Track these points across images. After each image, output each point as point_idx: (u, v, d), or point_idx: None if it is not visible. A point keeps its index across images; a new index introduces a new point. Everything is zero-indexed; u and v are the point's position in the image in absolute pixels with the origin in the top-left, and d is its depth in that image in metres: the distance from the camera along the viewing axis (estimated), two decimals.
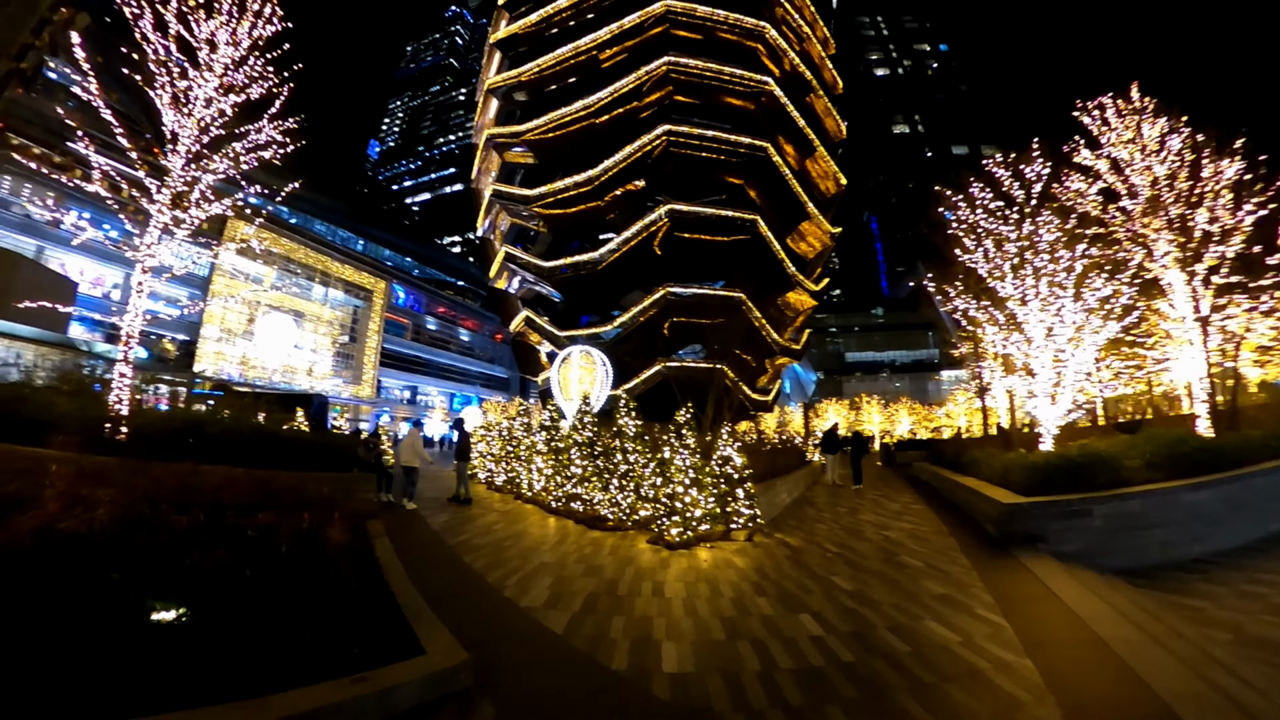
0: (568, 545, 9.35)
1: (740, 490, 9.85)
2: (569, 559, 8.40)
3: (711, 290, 37.66)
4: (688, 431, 10.18)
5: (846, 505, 13.40)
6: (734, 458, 10.05)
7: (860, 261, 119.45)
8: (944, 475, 14.48)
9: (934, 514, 11.66)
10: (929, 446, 25.15)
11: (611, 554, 8.71)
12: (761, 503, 10.93)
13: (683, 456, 9.72)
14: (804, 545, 9.03)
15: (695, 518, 9.28)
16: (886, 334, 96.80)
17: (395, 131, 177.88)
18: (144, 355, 43.87)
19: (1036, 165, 13.54)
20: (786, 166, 38.90)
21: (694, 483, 9.52)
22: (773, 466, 14.08)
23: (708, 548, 8.99)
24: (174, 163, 12.04)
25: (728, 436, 10.22)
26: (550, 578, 7.37)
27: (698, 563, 8.07)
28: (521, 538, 10.00)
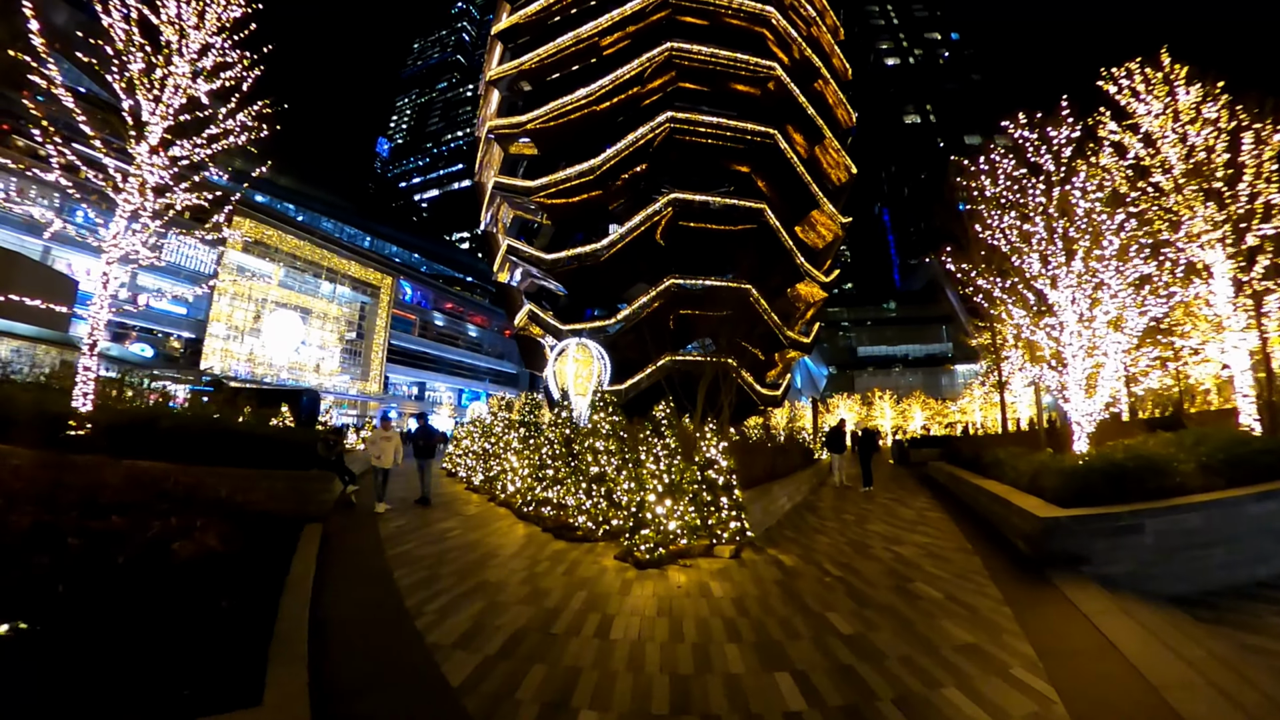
0: (521, 559, 7.95)
1: (725, 499, 8.38)
2: (514, 578, 7.00)
3: (718, 282, 36.17)
4: (667, 430, 8.79)
5: (854, 511, 11.89)
6: (718, 460, 8.56)
7: (872, 254, 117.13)
8: (963, 477, 12.93)
9: (953, 524, 10.12)
10: (945, 444, 23.53)
11: (568, 572, 7.29)
12: (755, 511, 9.50)
13: (657, 459, 8.32)
14: (799, 565, 7.55)
15: (669, 531, 7.85)
16: (899, 328, 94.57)
17: (403, 129, 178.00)
18: (150, 353, 43.33)
19: (1065, 130, 11.92)
20: (794, 154, 37.26)
21: (669, 490, 8.08)
22: (772, 468, 12.64)
23: (683, 567, 7.55)
24: (141, 149, 11.67)
25: (712, 435, 8.77)
26: (481, 603, 6.05)
27: (666, 588, 6.63)
28: (473, 549, 8.61)
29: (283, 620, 4.92)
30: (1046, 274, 11.02)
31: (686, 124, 34.30)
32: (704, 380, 13.92)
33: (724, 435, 8.79)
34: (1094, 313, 10.45)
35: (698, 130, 34.60)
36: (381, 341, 58.55)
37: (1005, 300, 11.92)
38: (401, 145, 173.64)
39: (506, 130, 39.21)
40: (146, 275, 43.72)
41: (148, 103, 11.63)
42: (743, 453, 11.16)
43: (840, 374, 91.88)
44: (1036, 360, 12.53)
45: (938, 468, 17.13)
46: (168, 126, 11.97)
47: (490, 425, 15.92)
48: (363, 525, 10.44)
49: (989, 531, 9.31)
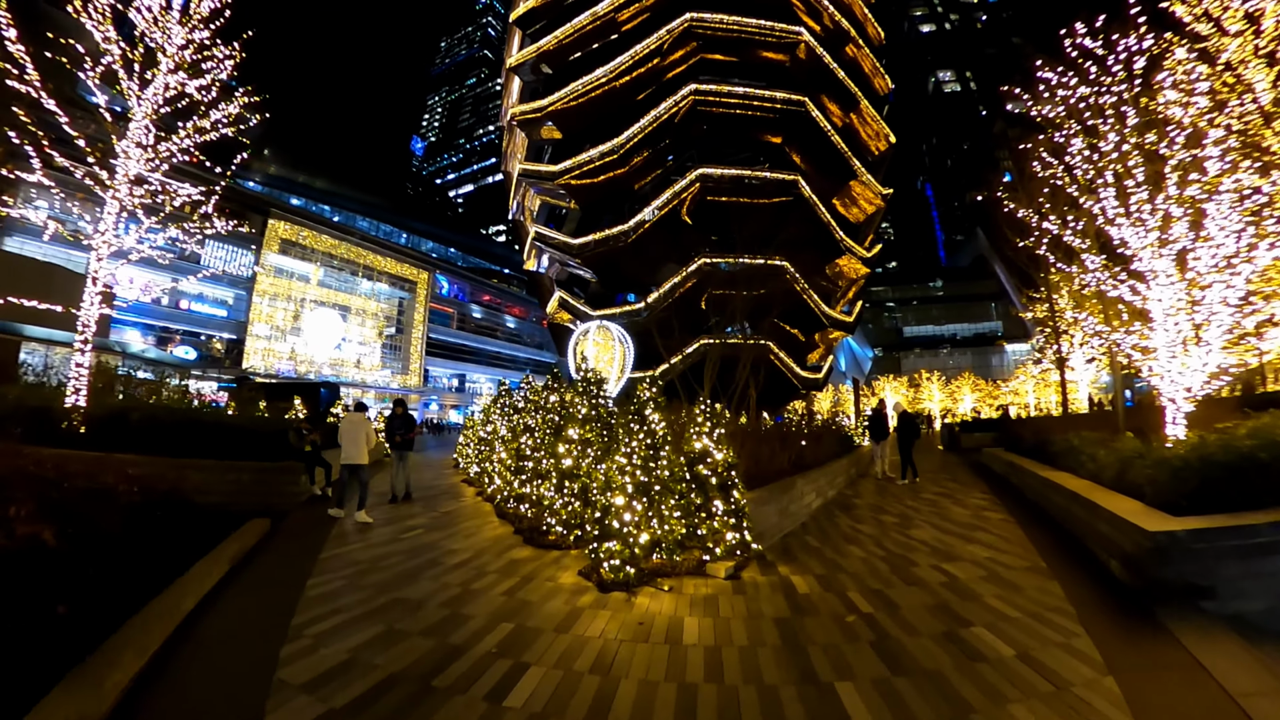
0: (465, 571, 6.43)
1: (720, 502, 6.49)
2: (440, 596, 5.56)
3: (752, 259, 33.96)
4: (655, 413, 6.97)
5: (896, 511, 9.79)
6: (712, 452, 6.68)
7: (916, 231, 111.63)
8: (1025, 468, 10.73)
9: (1019, 529, 7.97)
10: (1000, 427, 20.90)
11: (511, 592, 5.67)
12: (769, 513, 7.63)
13: (630, 452, 6.53)
14: (816, 593, 5.62)
15: (641, 545, 6.07)
16: (946, 306, 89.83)
17: (436, 127, 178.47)
18: (194, 355, 43.73)
19: (1135, 39, 9.42)
20: (828, 123, 34.64)
21: (640, 491, 6.32)
22: (798, 458, 10.72)
23: (660, 591, 5.74)
24: (125, 145, 11.73)
25: (704, 421, 6.90)
26: (379, 629, 4.75)
27: (624, 624, 4.88)
28: (419, 554, 7.19)
29: (121, 635, 4.02)
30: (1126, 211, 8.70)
31: (711, 96, 32.18)
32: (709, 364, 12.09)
33: (717, 420, 6.92)
34: (1198, 251, 8.10)
35: (724, 101, 32.44)
36: (420, 335, 58.23)
37: (1077, 246, 9.55)
38: (435, 143, 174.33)
39: (528, 115, 37.75)
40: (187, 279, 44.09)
41: (132, 98, 11.62)
42: (756, 441, 9.29)
43: (886, 356, 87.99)
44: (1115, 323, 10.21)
45: (993, 455, 14.79)
46: (152, 120, 11.98)
47: (489, 411, 14.42)
48: (321, 522, 9.29)
49: (1066, 541, 7.21)
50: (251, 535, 7.63)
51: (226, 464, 9.76)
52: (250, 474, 9.97)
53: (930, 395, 62.41)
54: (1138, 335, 9.11)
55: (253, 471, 10.01)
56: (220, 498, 9.10)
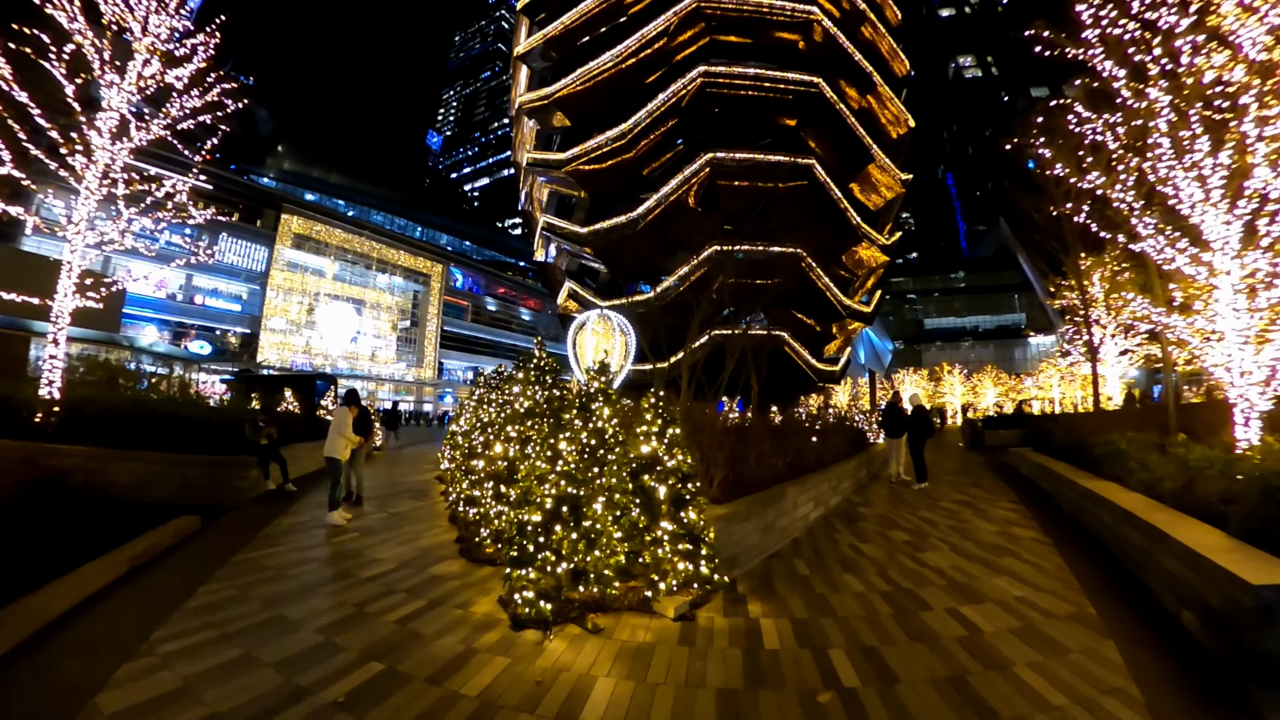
0: (371, 588, 5.50)
1: (669, 522, 5.09)
2: (317, 621, 4.67)
3: (766, 247, 32.31)
4: (605, 407, 5.61)
5: (908, 526, 8.18)
6: (661, 459, 5.28)
7: (937, 221, 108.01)
8: (1060, 474, 9.16)
9: (1056, 553, 6.41)
10: (1028, 424, 19.01)
11: (406, 620, 4.66)
12: (748, 531, 6.23)
13: (555, 455, 5.17)
14: (787, 649, 4.23)
15: (560, 575, 4.76)
16: (968, 298, 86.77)
17: (451, 121, 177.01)
18: (208, 349, 43.39)
19: None
20: (844, 105, 32.82)
21: (564, 504, 4.93)
22: (797, 459, 9.31)
23: (589, 632, 4.47)
24: (102, 137, 11.66)
25: (653, 418, 5.43)
26: (224, 658, 4.05)
27: (518, 681, 3.62)
28: (335, 562, 6.43)
29: None
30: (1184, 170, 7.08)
31: (721, 78, 30.55)
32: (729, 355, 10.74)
33: (667, 415, 5.51)
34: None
35: (734, 83, 30.79)
36: (434, 328, 57.51)
37: (1123, 209, 7.84)
38: (451, 137, 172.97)
39: (535, 103, 36.45)
40: (202, 275, 43.88)
41: (105, 87, 11.55)
42: (741, 441, 7.89)
43: (906, 348, 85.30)
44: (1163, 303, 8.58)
45: (1020, 456, 13.11)
46: (128, 107, 11.97)
47: (464, 400, 13.22)
48: (259, 520, 8.52)
49: (1117, 574, 5.71)
50: (170, 534, 6.95)
51: (176, 457, 9.33)
52: (199, 468, 9.50)
53: (951, 389, 60.12)
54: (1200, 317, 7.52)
55: (202, 465, 9.54)
56: (168, 491, 8.82)
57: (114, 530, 6.31)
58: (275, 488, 11.04)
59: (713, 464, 6.84)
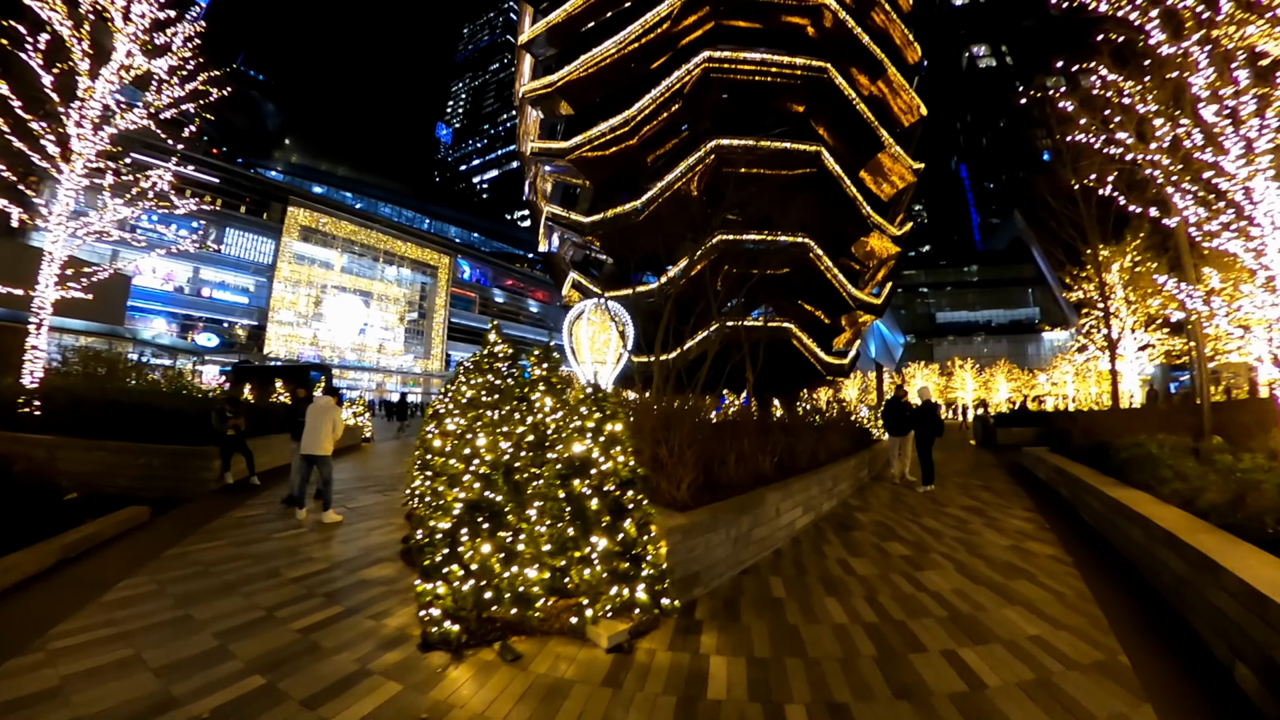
0: (290, 589, 5.06)
1: (602, 537, 4.16)
2: (219, 625, 4.34)
3: (772, 236, 31.23)
4: (548, 397, 4.73)
5: (909, 536, 7.07)
6: (597, 458, 4.33)
7: (950, 214, 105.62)
8: (1080, 479, 8.10)
9: (1078, 577, 5.36)
10: (1044, 422, 17.73)
11: (310, 630, 4.21)
12: (716, 544, 5.28)
13: (472, 454, 4.34)
14: (736, 700, 3.33)
15: (466, 593, 3.97)
16: (981, 291, 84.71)
17: (460, 113, 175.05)
18: (215, 342, 43.04)
19: None
20: (854, 91, 31.54)
21: (477, 511, 4.10)
22: (786, 458, 8.38)
23: (505, 660, 3.71)
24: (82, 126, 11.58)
25: (589, 410, 4.47)
26: (110, 658, 3.77)
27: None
28: (268, 560, 6.02)
29: None
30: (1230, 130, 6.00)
31: (726, 63, 29.42)
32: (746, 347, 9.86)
33: (595, 404, 4.59)
34: None
35: (740, 69, 29.65)
36: (441, 320, 56.96)
37: (1160, 175, 6.75)
38: (460, 129, 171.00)
39: (539, 92, 35.53)
40: (209, 268, 43.54)
41: (87, 76, 11.42)
42: (717, 438, 6.97)
43: (918, 342, 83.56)
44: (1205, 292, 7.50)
45: (1037, 457, 11.96)
46: (109, 95, 11.86)
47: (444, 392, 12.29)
48: (211, 513, 8.05)
49: (1152, 606, 4.73)
50: (112, 525, 6.71)
51: (139, 446, 9.11)
52: (160, 457, 9.22)
53: (963, 384, 58.63)
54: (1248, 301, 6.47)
55: (163, 455, 9.25)
56: (129, 481, 8.64)
57: (52, 520, 6.13)
58: (233, 481, 10.32)
59: (681, 465, 5.93)
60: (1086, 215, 17.07)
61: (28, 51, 11.05)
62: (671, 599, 4.29)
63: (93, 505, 6.95)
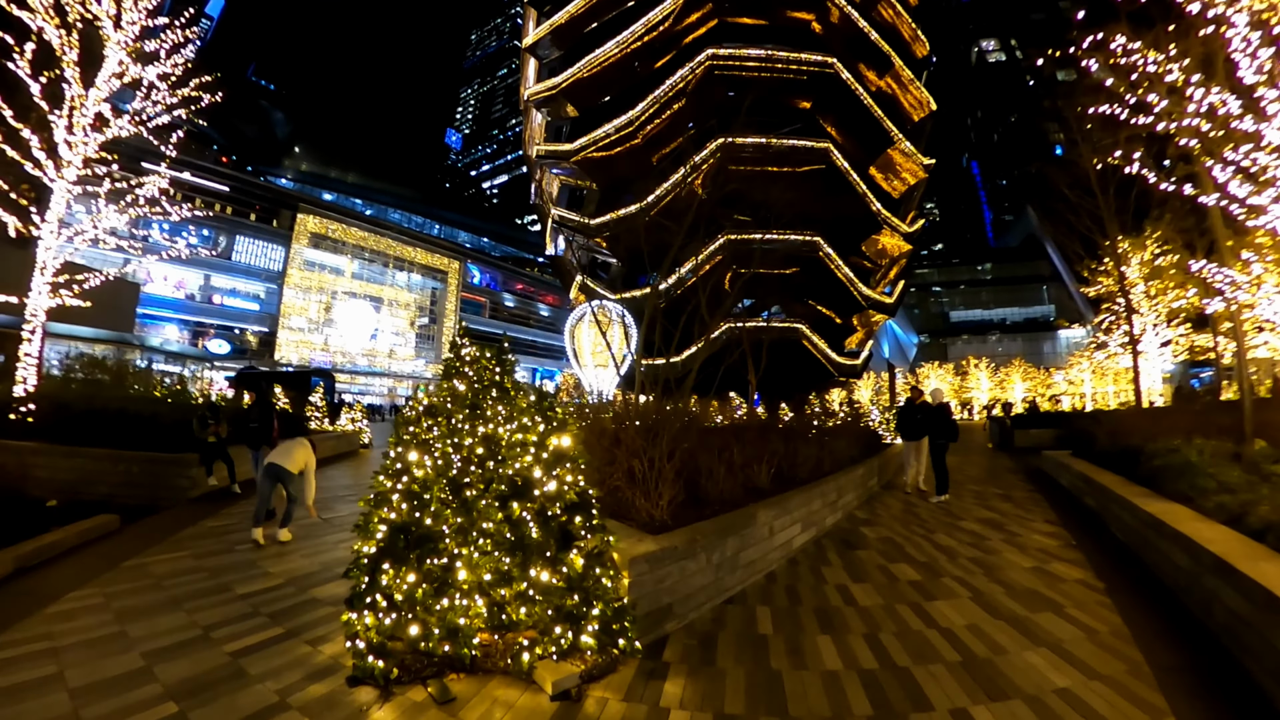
0: (235, 607, 4.74)
1: (544, 570, 3.52)
2: (148, 645, 4.00)
3: (781, 235, 30.47)
4: (500, 405, 4.13)
5: (919, 556, 6.25)
6: (539, 478, 3.72)
7: (962, 211, 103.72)
8: (1108, 488, 7.30)
9: (1112, 607, 4.62)
10: (1064, 423, 16.70)
11: (243, 654, 3.90)
12: (694, 571, 4.60)
13: (399, 469, 3.79)
14: None
15: (387, 627, 3.44)
16: (995, 289, 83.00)
17: (470, 119, 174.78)
18: (226, 348, 43.05)
19: None
20: (862, 87, 30.72)
21: (402, 535, 3.54)
22: (789, 468, 7.72)
23: (435, 700, 3.14)
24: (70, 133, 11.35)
25: (533, 420, 3.94)
26: (34, 675, 3.53)
27: None
28: (221, 574, 5.68)
29: None
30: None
31: (731, 60, 28.74)
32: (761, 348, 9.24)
33: (563, 420, 3.98)
34: None
35: (744, 65, 28.95)
36: (452, 325, 56.75)
37: (1197, 145, 5.97)
38: (469, 135, 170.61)
39: (543, 94, 35.16)
40: (220, 275, 43.60)
41: (75, 84, 11.19)
42: (701, 448, 6.31)
43: (932, 342, 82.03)
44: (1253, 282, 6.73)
45: (1058, 462, 11.11)
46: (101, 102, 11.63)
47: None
48: (182, 522, 7.71)
49: (1204, 649, 4.02)
50: (76, 533, 6.46)
51: (118, 453, 8.94)
52: (140, 465, 9.02)
53: (978, 384, 57.34)
54: None
55: (143, 462, 9.05)
56: (109, 489, 8.50)
57: (19, 528, 6.04)
58: (214, 486, 9.86)
59: (660, 479, 5.29)
60: (1105, 206, 16.20)
61: (15, 61, 10.78)
62: (631, 639, 3.65)
63: (70, 512, 6.91)
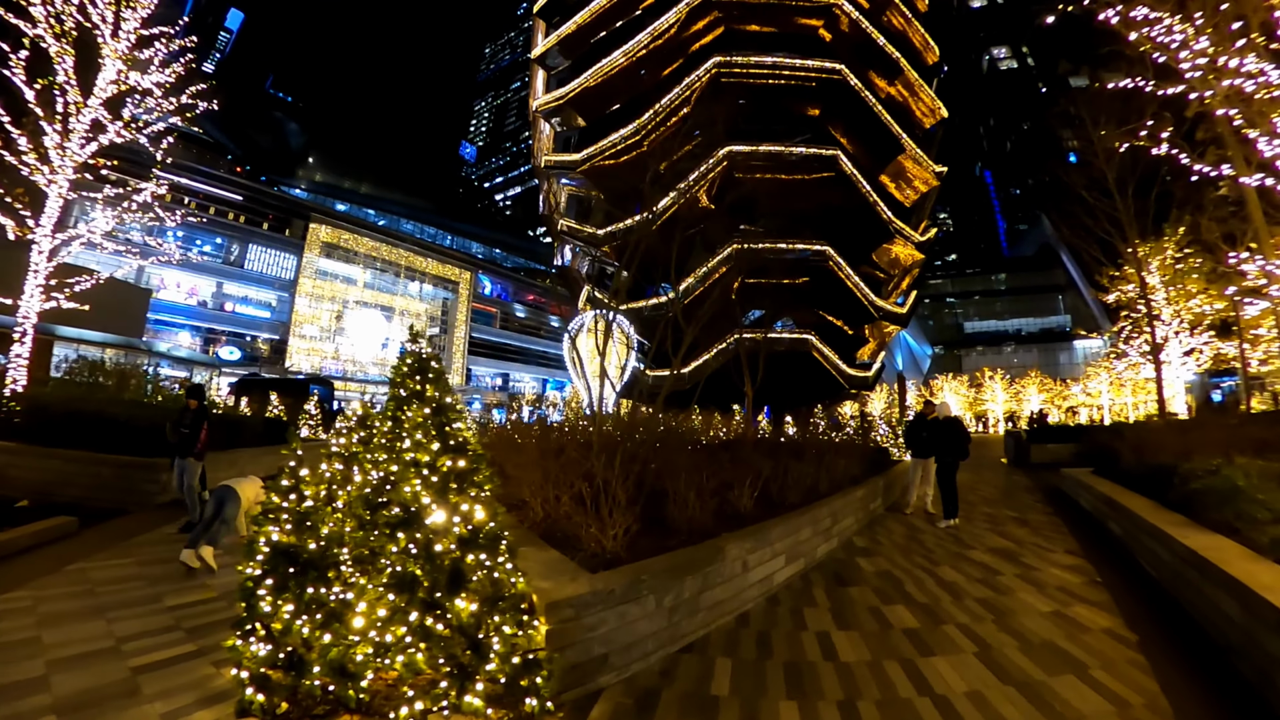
0: (139, 619, 4.59)
1: (424, 614, 2.80)
2: (23, 663, 3.73)
3: (790, 244, 29.70)
4: (410, 435, 3.40)
5: (919, 596, 5.37)
6: (425, 503, 3.04)
7: (976, 221, 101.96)
8: (1137, 514, 6.36)
9: (1149, 672, 3.76)
10: (1083, 437, 15.49)
11: (103, 687, 3.50)
12: (639, 616, 3.87)
13: (287, 486, 3.14)
14: None
15: (263, 658, 2.80)
16: (1010, 300, 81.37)
17: (483, 131, 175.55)
18: (237, 355, 43.02)
19: None
20: (870, 94, 29.96)
21: (285, 558, 2.91)
22: (778, 491, 6.91)
23: None
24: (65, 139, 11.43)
25: (427, 437, 3.24)
26: None
27: None
28: (158, 583, 5.45)
29: None
30: None
31: (737, 68, 28.19)
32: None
33: (462, 440, 3.28)
34: None
35: (751, 73, 28.40)
36: (463, 335, 56.45)
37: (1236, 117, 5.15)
38: (483, 147, 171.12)
39: (551, 105, 34.90)
40: (232, 283, 43.70)
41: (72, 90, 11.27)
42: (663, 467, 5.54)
43: (946, 353, 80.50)
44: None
45: (1078, 482, 10.12)
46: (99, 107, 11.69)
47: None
48: (141, 527, 7.47)
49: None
50: (28, 536, 6.35)
51: (91, 456, 8.91)
52: (112, 468, 8.94)
53: (994, 395, 55.82)
54: None
55: (115, 466, 8.97)
56: (80, 492, 8.43)
57: None
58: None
59: (613, 504, 4.53)
60: (1124, 208, 15.29)
61: (10, 67, 10.97)
62: (544, 698, 2.90)
63: (37, 513, 6.95)
